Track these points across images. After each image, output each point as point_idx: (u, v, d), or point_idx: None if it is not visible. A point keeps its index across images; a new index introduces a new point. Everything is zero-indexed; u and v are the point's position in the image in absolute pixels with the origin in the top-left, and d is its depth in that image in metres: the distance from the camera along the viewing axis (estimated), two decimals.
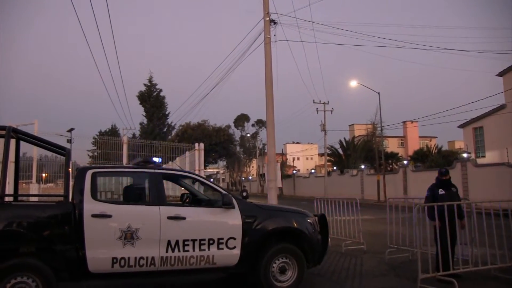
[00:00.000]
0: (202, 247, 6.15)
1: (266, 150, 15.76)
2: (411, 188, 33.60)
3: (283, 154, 69.82)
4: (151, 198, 6.25)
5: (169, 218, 6.08)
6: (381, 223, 15.97)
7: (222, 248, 6.25)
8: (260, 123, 77.72)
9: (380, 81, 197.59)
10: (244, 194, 28.65)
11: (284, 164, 62.35)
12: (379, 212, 23.15)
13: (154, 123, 42.81)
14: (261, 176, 62.95)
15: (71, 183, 6.14)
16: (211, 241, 6.20)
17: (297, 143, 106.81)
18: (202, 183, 6.99)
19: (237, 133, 76.66)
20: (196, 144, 15.95)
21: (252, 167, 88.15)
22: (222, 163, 74.42)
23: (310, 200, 18.38)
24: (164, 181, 6.61)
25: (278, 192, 15.90)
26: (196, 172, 14.70)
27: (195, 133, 40.89)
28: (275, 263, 6.62)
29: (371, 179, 38.86)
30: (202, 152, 15.87)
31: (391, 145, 73.02)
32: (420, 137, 78.22)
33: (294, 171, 62.56)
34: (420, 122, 77.61)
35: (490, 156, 35.29)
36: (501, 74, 34.67)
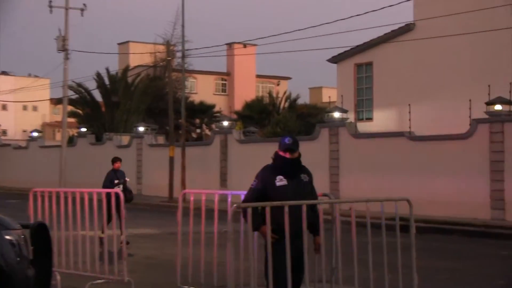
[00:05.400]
0: None
1: None
2: (235, 172, 35.78)
3: None
4: None
5: None
6: (171, 242, 16.48)
7: None
8: None
9: None
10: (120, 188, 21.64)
11: None
12: (170, 220, 23.60)
13: None
14: None
15: None
16: None
17: (4, 73, 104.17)
18: None
19: None
20: None
21: None
22: None
23: (23, 194, 18.12)
24: None
25: None
26: None
27: None
28: None
29: (160, 154, 40.24)
30: None
31: (203, 90, 75.66)
32: (258, 76, 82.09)
33: None
34: (260, 48, 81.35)
35: (381, 118, 39.17)
36: None
